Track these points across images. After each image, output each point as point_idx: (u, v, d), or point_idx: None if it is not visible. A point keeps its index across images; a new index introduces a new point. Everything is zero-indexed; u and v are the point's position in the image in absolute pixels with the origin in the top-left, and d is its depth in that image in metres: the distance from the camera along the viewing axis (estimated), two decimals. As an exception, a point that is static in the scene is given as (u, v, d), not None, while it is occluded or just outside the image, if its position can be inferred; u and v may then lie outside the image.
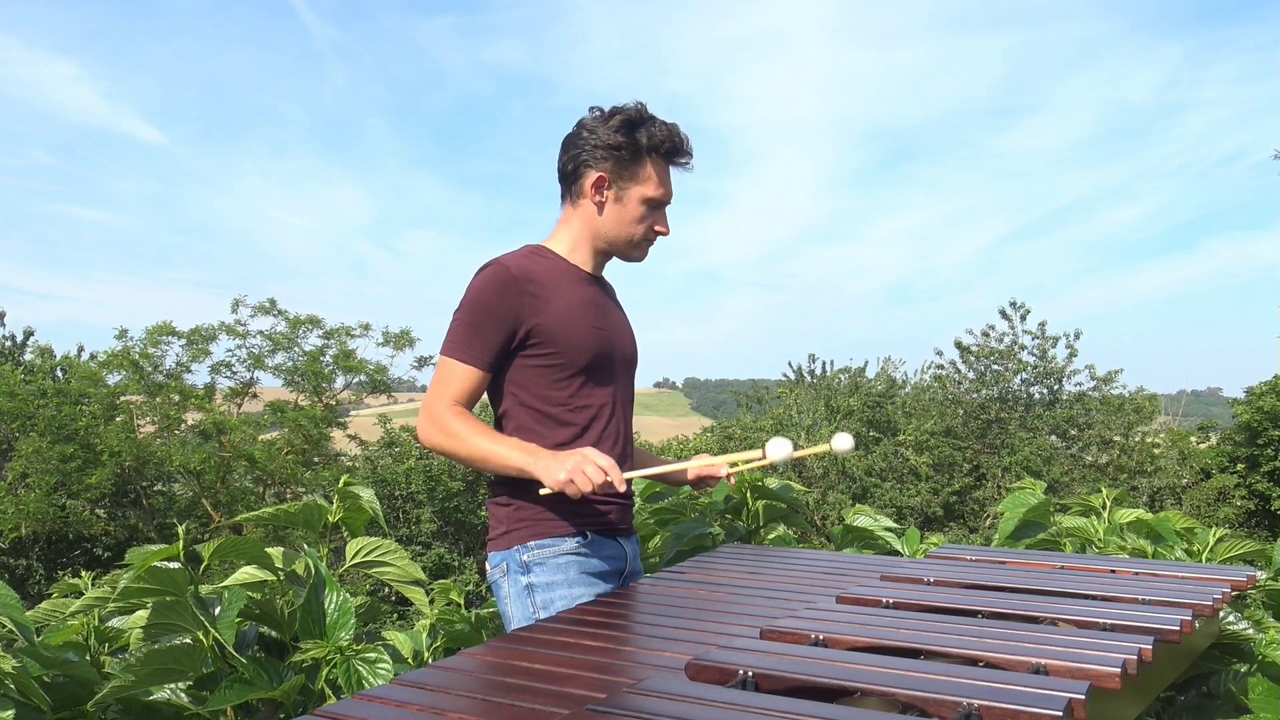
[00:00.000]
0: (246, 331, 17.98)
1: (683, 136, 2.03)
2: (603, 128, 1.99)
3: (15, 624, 1.91)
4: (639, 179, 2.00)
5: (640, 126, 1.99)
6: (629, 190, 2.00)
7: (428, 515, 17.75)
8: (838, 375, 20.21)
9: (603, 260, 2.10)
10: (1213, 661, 2.26)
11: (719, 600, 1.88)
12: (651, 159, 2.01)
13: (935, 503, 17.51)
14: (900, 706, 1.20)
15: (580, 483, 1.76)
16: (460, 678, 1.36)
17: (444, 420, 1.88)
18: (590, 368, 1.98)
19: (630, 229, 2.03)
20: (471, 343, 1.91)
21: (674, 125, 2.02)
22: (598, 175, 1.99)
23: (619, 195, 2.00)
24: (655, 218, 2.05)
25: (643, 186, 2.00)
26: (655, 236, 2.07)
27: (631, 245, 2.05)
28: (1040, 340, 18.58)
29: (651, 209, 2.03)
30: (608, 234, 2.03)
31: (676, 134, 2.02)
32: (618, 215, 2.02)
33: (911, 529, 3.05)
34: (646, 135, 1.99)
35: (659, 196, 2.02)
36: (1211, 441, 20.49)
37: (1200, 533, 2.82)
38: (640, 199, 2.01)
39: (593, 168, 1.99)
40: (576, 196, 2.03)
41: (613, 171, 1.99)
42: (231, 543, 2.12)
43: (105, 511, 16.94)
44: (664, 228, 2.06)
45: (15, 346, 20.21)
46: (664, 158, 2.03)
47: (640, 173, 2.00)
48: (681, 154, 2.04)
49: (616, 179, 2.00)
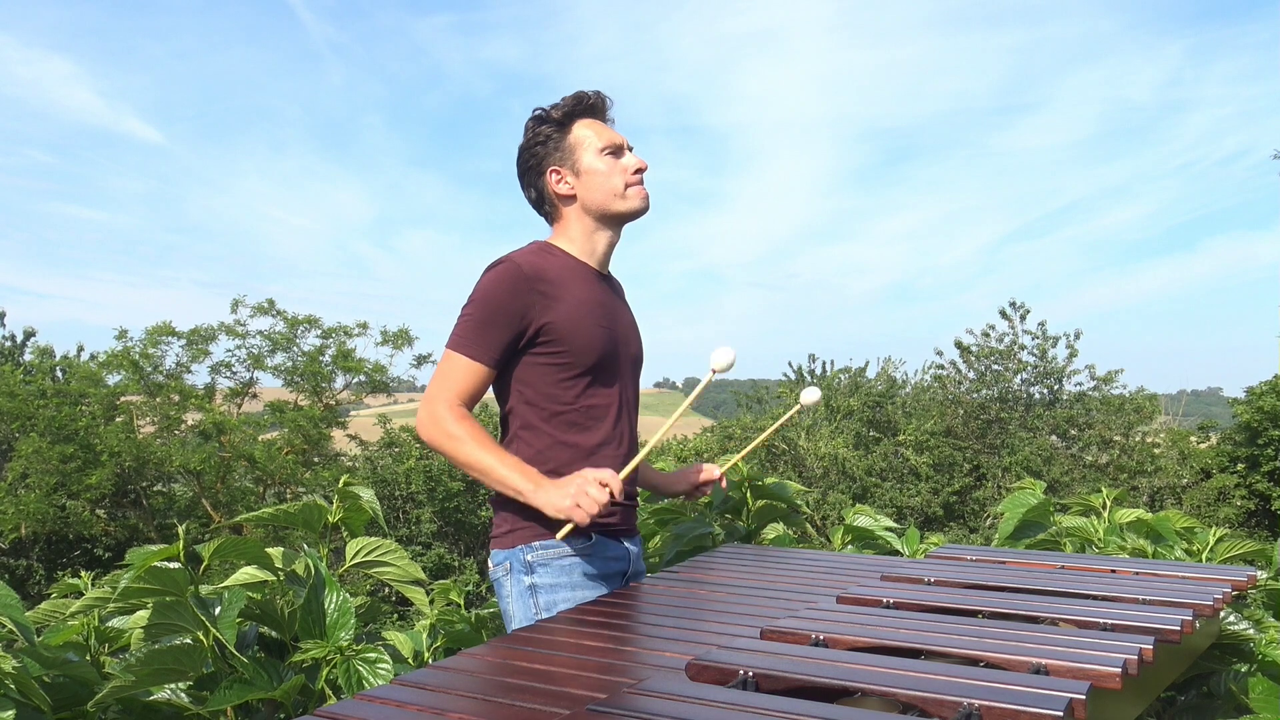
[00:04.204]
0: (246, 331, 18.01)
1: (583, 90, 2.04)
2: (525, 141, 2.05)
3: (15, 624, 1.91)
4: (579, 145, 2.01)
5: (545, 111, 2.03)
6: (578, 158, 2.01)
7: (428, 515, 17.76)
8: (838, 375, 20.22)
9: (611, 244, 2.08)
10: (1213, 661, 2.26)
11: (719, 600, 1.88)
12: (576, 124, 2.02)
13: (935, 503, 17.52)
14: (900, 706, 1.20)
15: (586, 506, 1.76)
16: (460, 678, 1.36)
17: (446, 420, 1.87)
18: (597, 367, 1.97)
19: (606, 185, 2.01)
20: (480, 339, 1.90)
21: (574, 91, 2.04)
22: (550, 170, 2.02)
23: (575, 169, 2.01)
24: (625, 162, 2.03)
25: (585, 148, 2.01)
26: (639, 174, 2.04)
27: (620, 197, 2.02)
28: (1040, 340, 18.59)
29: (614, 156, 2.02)
30: (594, 205, 2.02)
31: (577, 93, 2.03)
32: (588, 184, 2.01)
33: (911, 529, 3.05)
34: (556, 111, 2.02)
35: (606, 144, 2.02)
36: (1211, 441, 20.48)
37: (1200, 533, 2.82)
38: (594, 155, 2.00)
39: (543, 173, 2.03)
40: (553, 205, 2.05)
41: (556, 158, 2.01)
42: (231, 543, 2.12)
43: (105, 512, 16.96)
44: (640, 162, 2.04)
45: (15, 346, 20.23)
46: (589, 115, 2.04)
47: (574, 140, 2.01)
48: (589, 103, 2.04)
49: (563, 160, 2.01)
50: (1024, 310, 18.58)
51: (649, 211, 2.07)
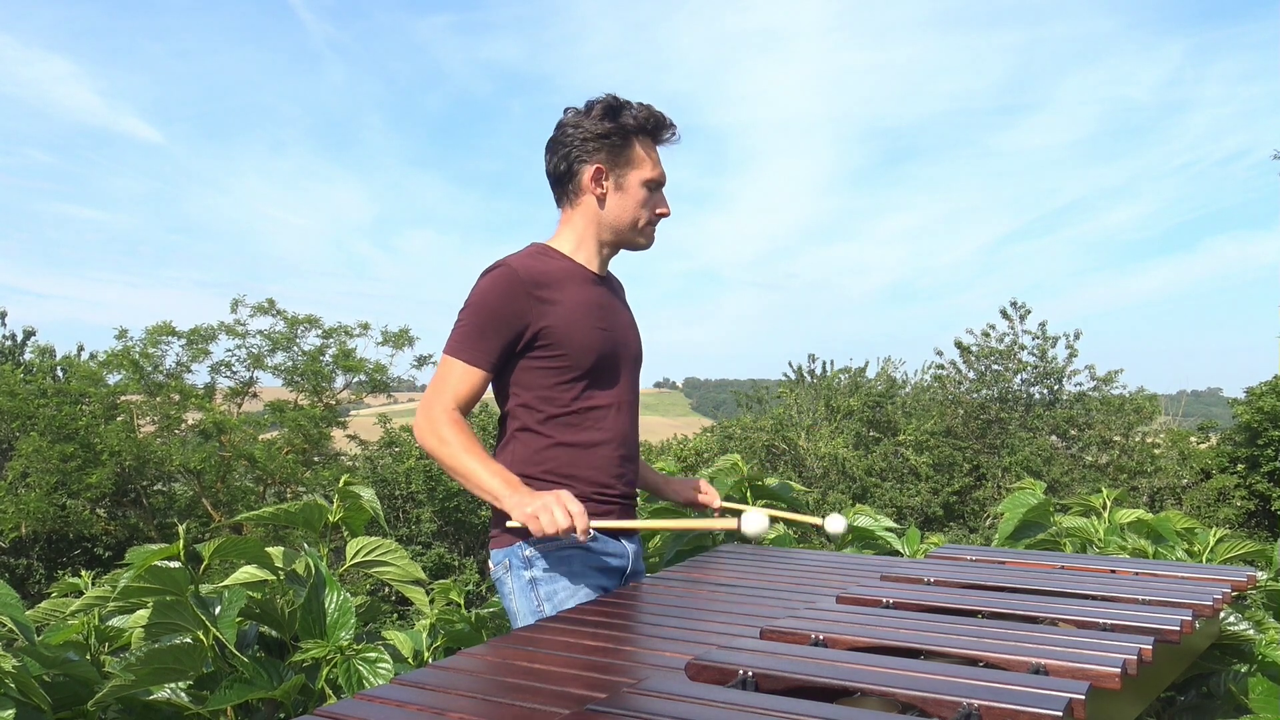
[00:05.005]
0: (246, 331, 18.02)
1: (661, 113, 2.03)
2: (587, 120, 1.99)
3: (15, 623, 1.91)
4: (634, 163, 2.00)
5: (622, 111, 2.00)
6: (627, 175, 2.00)
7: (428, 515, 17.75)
8: (838, 375, 20.22)
9: (609, 255, 2.09)
10: (1213, 661, 2.26)
11: (719, 600, 1.88)
12: (640, 140, 2.01)
13: (935, 503, 17.52)
14: (900, 706, 1.20)
15: (545, 522, 1.75)
16: (460, 678, 1.36)
17: (439, 424, 1.88)
18: (595, 369, 1.97)
19: (634, 214, 2.02)
20: (476, 343, 1.91)
21: (650, 105, 2.03)
22: (594, 167, 1.99)
23: (619, 183, 2.00)
24: (656, 199, 2.05)
25: (639, 169, 2.01)
26: (659, 219, 2.07)
27: (637, 231, 2.05)
28: (1040, 340, 18.59)
29: (651, 191, 2.03)
30: (613, 224, 2.03)
31: (655, 112, 2.02)
32: (620, 203, 2.01)
33: (911, 529, 3.05)
34: (631, 118, 1.99)
35: (656, 177, 2.03)
36: (1211, 442, 20.49)
37: (1200, 533, 2.82)
38: (640, 182, 2.01)
39: (587, 161, 1.99)
40: (575, 195, 2.03)
41: (608, 160, 1.99)
42: (231, 542, 2.12)
43: (105, 511, 16.96)
44: (665, 208, 2.06)
45: (15, 346, 20.23)
46: (651, 137, 2.03)
47: (634, 156, 2.00)
48: (665, 129, 2.04)
49: (613, 167, 2.00)
50: (1024, 310, 18.59)
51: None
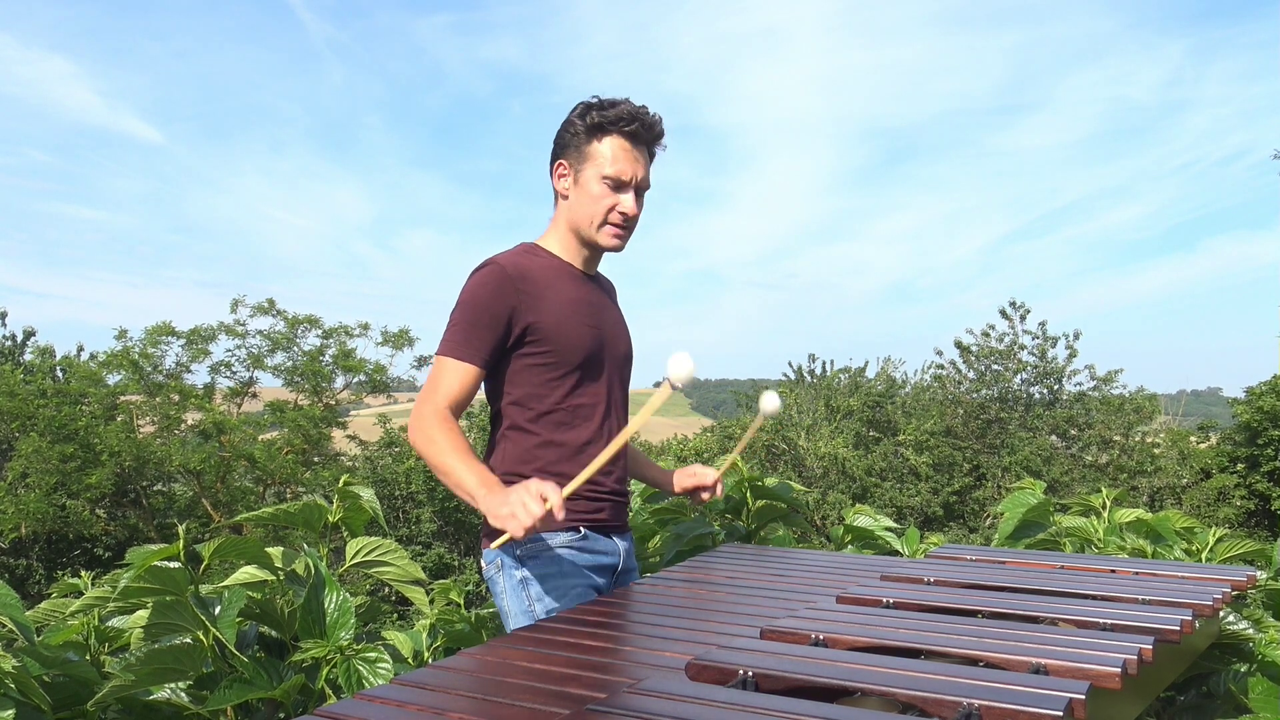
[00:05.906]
0: (246, 331, 18.01)
1: (648, 116, 1.98)
2: (564, 120, 2.01)
3: (15, 624, 1.91)
4: (592, 158, 1.97)
5: (595, 109, 1.97)
6: (584, 170, 1.98)
7: (428, 515, 17.76)
8: (838, 375, 20.22)
9: (589, 253, 2.06)
10: (1213, 661, 2.26)
11: (719, 600, 1.88)
12: (608, 137, 1.96)
13: (935, 503, 17.52)
14: (900, 706, 1.20)
15: (521, 518, 1.64)
16: (460, 678, 1.36)
17: (429, 425, 1.86)
18: (583, 366, 1.98)
19: (589, 210, 1.98)
20: (468, 341, 1.91)
21: (642, 107, 1.98)
22: (558, 163, 2.01)
23: (577, 178, 1.99)
24: (617, 199, 1.98)
25: (596, 164, 1.97)
26: (620, 219, 1.99)
27: (593, 227, 1.99)
28: (1040, 340, 18.59)
29: (612, 188, 1.97)
30: (574, 219, 2.01)
31: (631, 110, 1.96)
32: (577, 198, 1.99)
33: (911, 529, 3.05)
34: (599, 114, 1.96)
35: (613, 174, 1.96)
36: (1211, 441, 20.49)
37: (1200, 533, 2.82)
38: (597, 177, 1.96)
39: (558, 158, 2.02)
40: (554, 193, 2.05)
41: (569, 155, 2.00)
42: (231, 543, 2.12)
43: (105, 511, 16.96)
44: (629, 208, 1.99)
45: (15, 346, 20.22)
46: (625, 137, 1.97)
47: (593, 151, 1.97)
48: (637, 125, 1.96)
49: (574, 162, 1.99)
50: (1024, 310, 18.59)
51: (621, 251, 2.04)
